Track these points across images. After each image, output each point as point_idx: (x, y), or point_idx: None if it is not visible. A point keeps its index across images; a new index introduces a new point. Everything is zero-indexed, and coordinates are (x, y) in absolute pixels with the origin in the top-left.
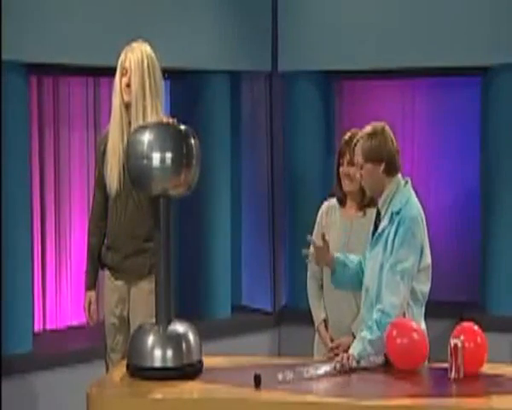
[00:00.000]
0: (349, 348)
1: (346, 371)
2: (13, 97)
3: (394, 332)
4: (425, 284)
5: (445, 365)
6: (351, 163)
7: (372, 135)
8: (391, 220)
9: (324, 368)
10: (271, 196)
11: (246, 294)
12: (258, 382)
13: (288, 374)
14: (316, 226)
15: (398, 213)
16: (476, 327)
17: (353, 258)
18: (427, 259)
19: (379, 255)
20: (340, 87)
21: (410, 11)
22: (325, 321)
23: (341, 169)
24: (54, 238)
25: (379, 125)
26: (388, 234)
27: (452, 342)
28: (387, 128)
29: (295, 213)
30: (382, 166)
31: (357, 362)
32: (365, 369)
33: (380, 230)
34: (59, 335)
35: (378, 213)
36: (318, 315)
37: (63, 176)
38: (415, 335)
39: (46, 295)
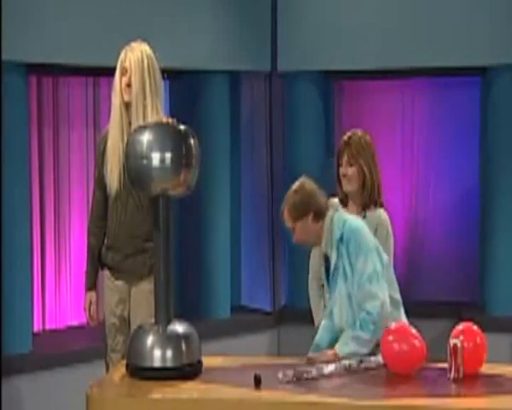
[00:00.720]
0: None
1: (348, 370)
2: (12, 97)
3: (391, 337)
4: (391, 285)
5: (445, 365)
6: (349, 164)
7: (293, 195)
8: (338, 251)
9: (324, 368)
10: (271, 196)
11: (245, 294)
12: (258, 382)
13: (288, 374)
14: None
15: (341, 239)
16: (475, 327)
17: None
18: (383, 260)
19: (342, 289)
20: (339, 87)
21: (410, 11)
22: None
23: (340, 170)
24: (53, 238)
25: (298, 182)
26: (343, 265)
27: (452, 342)
28: (308, 183)
29: None
30: (311, 217)
31: (360, 362)
32: (365, 369)
33: (332, 268)
34: (59, 335)
35: (326, 257)
36: (318, 315)
37: (63, 176)
38: (413, 341)
39: (46, 295)
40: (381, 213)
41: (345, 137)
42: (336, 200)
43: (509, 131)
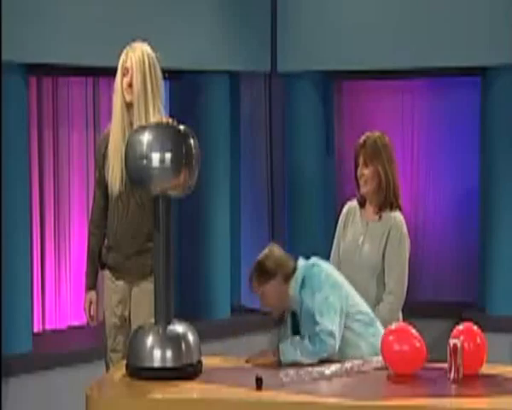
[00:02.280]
0: None
1: (349, 371)
2: (12, 98)
3: (391, 337)
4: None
5: (445, 365)
6: (364, 165)
7: (261, 263)
8: (302, 298)
9: (326, 369)
10: (271, 196)
11: (245, 294)
12: (259, 383)
13: (289, 374)
14: (338, 226)
15: (303, 288)
16: (475, 327)
17: None
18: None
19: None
20: (339, 87)
21: (410, 11)
22: None
23: (357, 171)
24: (53, 238)
25: (267, 249)
26: (308, 307)
27: (452, 342)
28: (276, 248)
29: (295, 213)
30: (279, 278)
31: (361, 363)
32: (366, 370)
33: (302, 316)
34: (59, 335)
35: (294, 315)
36: None
37: (62, 176)
38: (414, 342)
39: (46, 295)
40: (397, 215)
41: (361, 139)
42: (354, 202)
43: (509, 131)
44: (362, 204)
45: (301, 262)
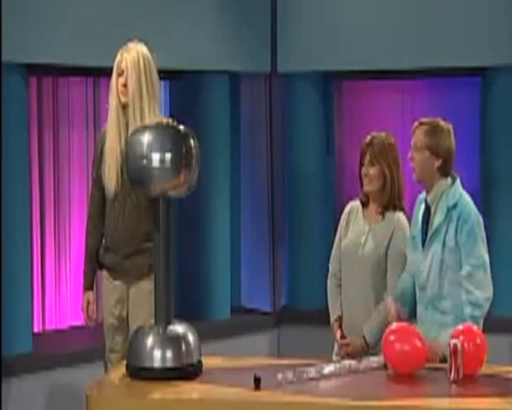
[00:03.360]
0: (357, 349)
1: (349, 370)
2: (12, 98)
3: (392, 337)
4: None
5: (445, 365)
6: (371, 163)
7: (438, 128)
8: (447, 215)
9: (324, 368)
10: (271, 196)
11: (245, 294)
12: (257, 383)
13: (287, 374)
14: (339, 225)
15: (454, 207)
16: (475, 327)
17: (408, 288)
18: None
19: (438, 252)
20: (339, 87)
21: (410, 11)
22: (340, 319)
23: (362, 169)
24: (53, 238)
25: (446, 124)
26: (447, 230)
27: (452, 342)
28: (452, 130)
29: (295, 214)
30: (438, 163)
31: (360, 362)
32: (365, 369)
33: (435, 226)
34: (59, 335)
35: (427, 209)
36: (333, 312)
37: (62, 177)
38: (415, 341)
39: (46, 294)
40: (400, 216)
41: (367, 139)
42: (357, 202)
43: (509, 131)
44: (365, 204)
45: (459, 185)
